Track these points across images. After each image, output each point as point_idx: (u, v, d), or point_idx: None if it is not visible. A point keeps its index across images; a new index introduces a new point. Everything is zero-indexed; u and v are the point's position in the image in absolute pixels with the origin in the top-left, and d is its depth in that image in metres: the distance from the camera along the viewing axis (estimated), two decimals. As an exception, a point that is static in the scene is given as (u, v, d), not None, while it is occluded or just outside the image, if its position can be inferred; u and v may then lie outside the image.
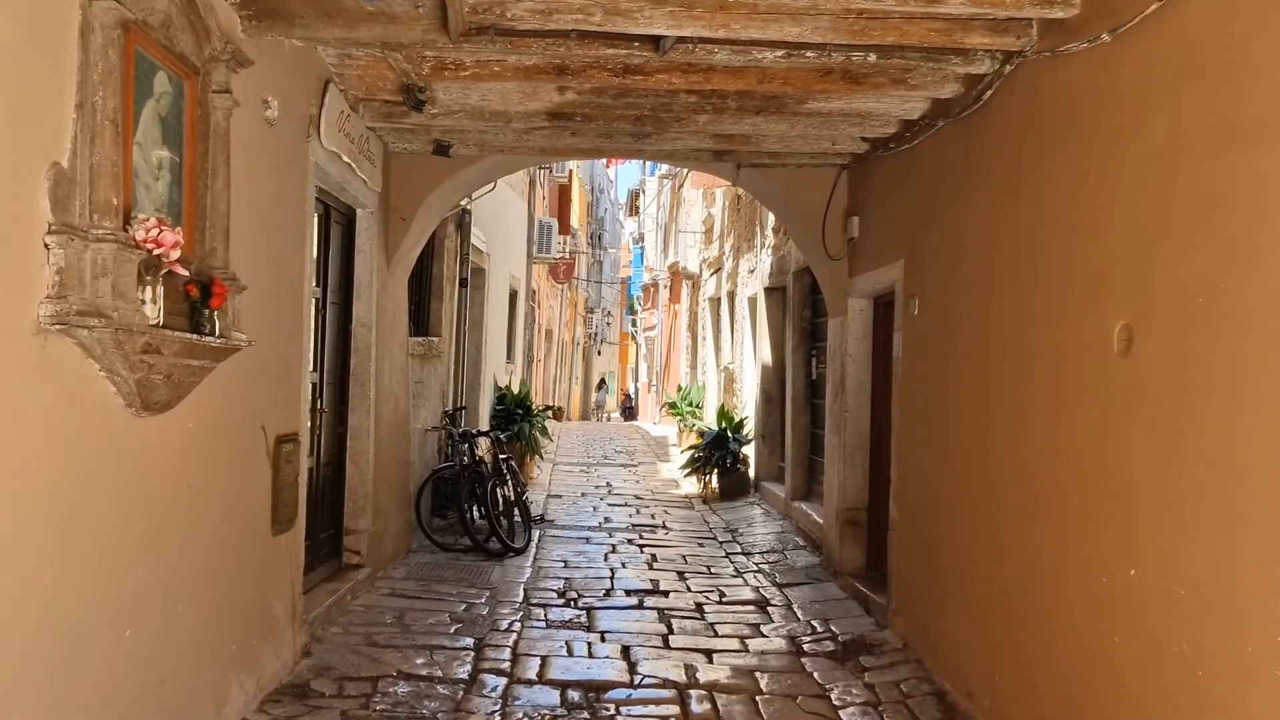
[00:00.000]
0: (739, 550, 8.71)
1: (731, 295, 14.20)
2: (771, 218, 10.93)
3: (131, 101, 3.16)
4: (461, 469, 8.37)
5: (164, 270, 3.24)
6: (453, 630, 5.81)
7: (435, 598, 6.55)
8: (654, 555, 8.36)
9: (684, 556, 8.38)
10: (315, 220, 5.62)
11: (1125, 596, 3.40)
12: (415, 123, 6.18)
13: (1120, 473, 3.47)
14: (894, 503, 6.12)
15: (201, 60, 3.66)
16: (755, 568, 8.00)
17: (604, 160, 29.50)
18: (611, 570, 7.74)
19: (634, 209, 38.41)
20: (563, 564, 7.91)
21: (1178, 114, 3.22)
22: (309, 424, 5.97)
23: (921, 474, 5.67)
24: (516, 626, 5.99)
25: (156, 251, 3.15)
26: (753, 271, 12.29)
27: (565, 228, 21.88)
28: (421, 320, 8.95)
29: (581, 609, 6.55)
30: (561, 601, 6.73)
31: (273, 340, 4.63)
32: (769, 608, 6.75)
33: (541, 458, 13.11)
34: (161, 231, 3.15)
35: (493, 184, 8.83)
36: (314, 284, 5.97)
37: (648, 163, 26.60)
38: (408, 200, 7.16)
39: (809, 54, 4.55)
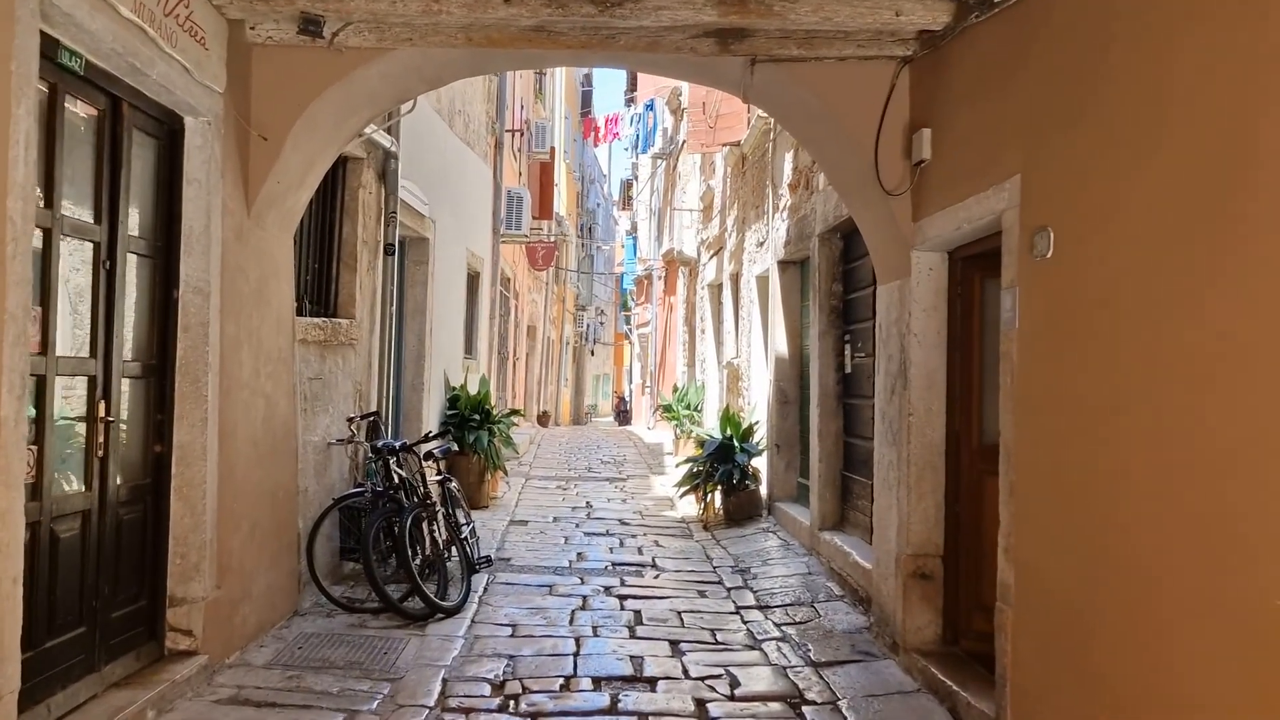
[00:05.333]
0: (753, 602, 6.48)
1: (735, 277, 11.99)
2: (788, 171, 8.72)
3: None
4: (374, 497, 6.12)
5: None
6: (304, 774, 3.60)
7: (299, 702, 4.31)
8: (638, 613, 6.12)
9: (679, 614, 6.14)
10: (40, 99, 3.42)
11: None
12: (259, -26, 3.97)
13: None
14: (1007, 559, 3.90)
15: None
16: (778, 632, 5.77)
17: (592, 139, 27.22)
18: (577, 640, 5.50)
19: (627, 200, 36.08)
20: (510, 631, 5.67)
21: None
22: (81, 443, 3.77)
23: (1069, 515, 3.44)
24: (413, 760, 3.78)
25: None
26: (762, 244, 10.08)
27: (548, 211, 19.66)
28: (324, 296, 6.70)
29: (524, 716, 4.33)
30: (496, 702, 4.50)
31: None
32: (805, 707, 4.53)
33: (506, 472, 10.86)
34: None
35: (411, 102, 6.59)
36: (89, 216, 3.76)
37: (633, 126, 24.26)
38: (275, 112, 4.94)
39: None
